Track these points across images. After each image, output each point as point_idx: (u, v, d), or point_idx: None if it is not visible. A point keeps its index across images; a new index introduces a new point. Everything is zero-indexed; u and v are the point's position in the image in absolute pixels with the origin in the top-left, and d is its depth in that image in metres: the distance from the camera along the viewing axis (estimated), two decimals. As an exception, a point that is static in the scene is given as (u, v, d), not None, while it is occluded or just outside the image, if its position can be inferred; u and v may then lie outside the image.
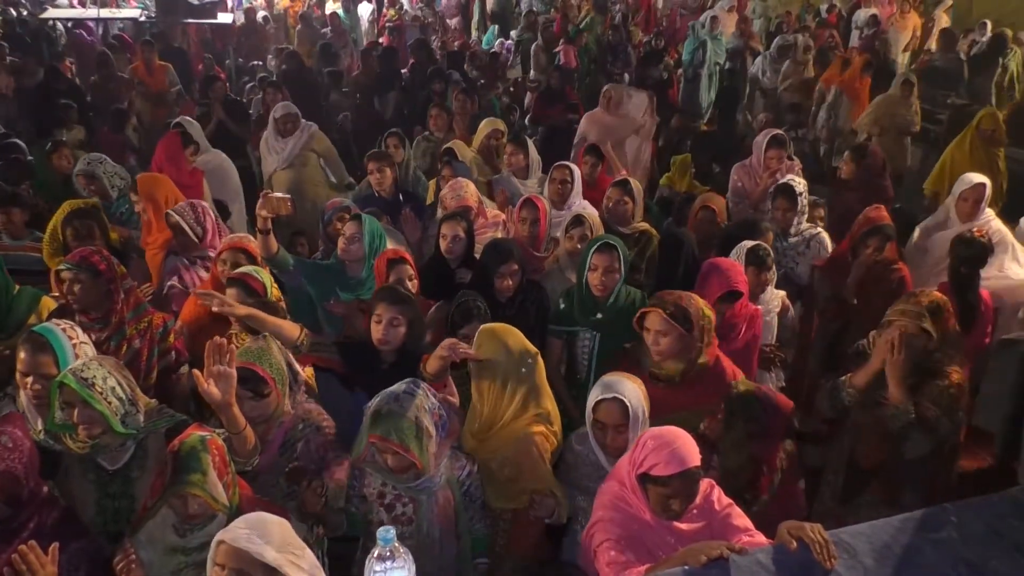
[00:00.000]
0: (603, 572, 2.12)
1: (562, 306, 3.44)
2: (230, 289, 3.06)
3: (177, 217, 3.75)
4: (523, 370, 2.65)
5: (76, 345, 2.58)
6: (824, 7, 12.23)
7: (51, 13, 11.56)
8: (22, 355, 2.54)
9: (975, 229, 3.91)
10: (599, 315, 3.27)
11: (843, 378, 2.92)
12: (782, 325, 3.63)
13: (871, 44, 9.84)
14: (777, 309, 3.62)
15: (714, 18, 9.77)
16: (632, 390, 2.49)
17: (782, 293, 3.68)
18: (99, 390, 2.32)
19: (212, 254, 3.66)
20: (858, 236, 3.88)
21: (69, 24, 11.21)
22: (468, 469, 2.54)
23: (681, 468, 2.07)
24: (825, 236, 4.38)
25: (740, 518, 2.20)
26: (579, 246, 3.62)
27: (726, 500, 2.24)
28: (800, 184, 4.37)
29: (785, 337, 3.63)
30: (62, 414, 2.35)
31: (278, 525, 1.89)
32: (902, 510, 2.22)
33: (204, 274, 3.71)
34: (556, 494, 2.57)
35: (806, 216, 4.40)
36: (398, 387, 2.41)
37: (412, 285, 3.28)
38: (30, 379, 2.53)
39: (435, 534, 2.47)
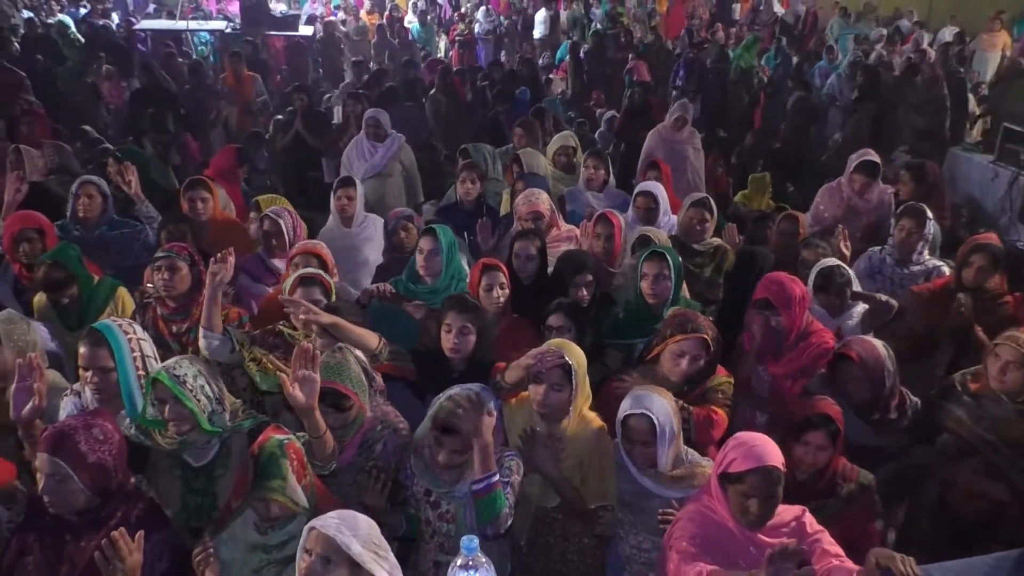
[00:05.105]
0: (671, 559, 2.13)
1: (620, 316, 3.41)
2: (306, 287, 3.10)
3: (278, 219, 3.89)
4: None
5: (132, 340, 2.66)
6: (905, 24, 11.89)
7: (142, 24, 12.14)
8: (82, 350, 2.64)
9: None
10: (656, 326, 3.20)
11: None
12: None
13: (957, 62, 9.49)
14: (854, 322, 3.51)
15: (830, 47, 9.61)
16: (661, 405, 2.46)
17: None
18: (190, 388, 2.40)
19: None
20: (962, 256, 3.65)
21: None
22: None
23: (758, 464, 2.08)
24: (948, 271, 3.92)
25: (832, 545, 2.17)
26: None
27: (819, 526, 2.20)
28: (929, 211, 4.06)
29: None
30: (153, 410, 2.44)
31: (367, 523, 1.94)
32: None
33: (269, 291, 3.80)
34: (615, 507, 2.57)
35: (928, 246, 4.07)
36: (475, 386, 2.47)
37: (504, 293, 3.29)
38: (90, 373, 2.63)
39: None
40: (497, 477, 2.37)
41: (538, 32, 13.66)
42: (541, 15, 13.79)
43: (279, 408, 2.84)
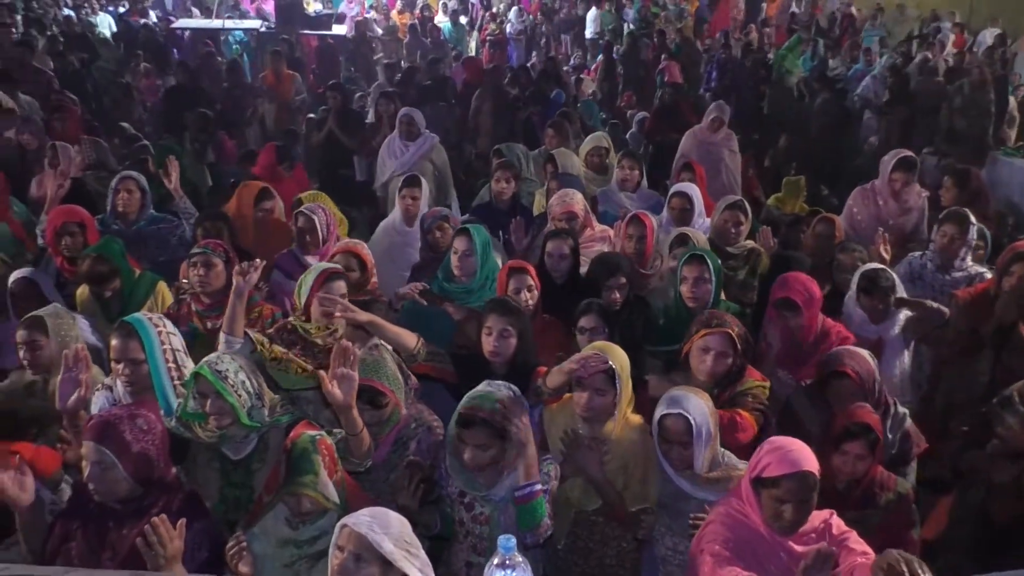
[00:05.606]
0: (705, 563, 2.11)
1: (660, 322, 3.39)
2: (330, 283, 3.08)
3: (312, 216, 3.92)
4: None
5: (161, 333, 2.71)
6: (947, 25, 11.67)
7: (180, 23, 12.34)
8: (114, 343, 2.69)
9: None
10: None
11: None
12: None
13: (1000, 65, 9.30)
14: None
15: (867, 49, 9.49)
16: (697, 406, 2.44)
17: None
18: (231, 383, 2.43)
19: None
20: (1002, 264, 3.59)
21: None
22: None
23: (793, 469, 2.06)
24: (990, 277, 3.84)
25: (858, 543, 2.15)
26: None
27: (846, 528, 2.18)
28: (973, 216, 3.97)
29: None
30: (194, 403, 2.47)
31: (398, 520, 1.95)
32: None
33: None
34: (655, 510, 2.56)
35: (971, 252, 3.98)
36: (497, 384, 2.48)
37: (532, 296, 3.28)
38: (121, 365, 2.67)
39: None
40: (540, 486, 2.36)
41: (589, 31, 13.61)
42: (592, 14, 13.73)
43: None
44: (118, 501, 2.22)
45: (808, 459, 2.08)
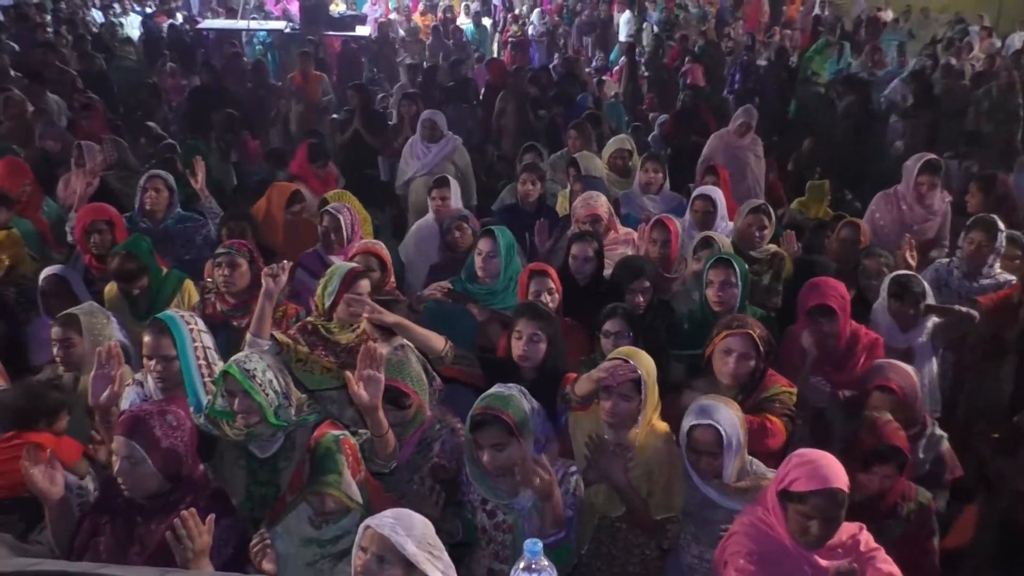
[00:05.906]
0: None
1: (685, 327, 3.37)
2: (361, 281, 3.06)
3: (338, 215, 3.95)
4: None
5: (193, 331, 2.74)
6: (975, 29, 11.52)
7: (206, 24, 12.46)
8: (146, 339, 2.73)
9: None
10: None
11: None
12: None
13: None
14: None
15: (901, 52, 9.53)
16: (727, 416, 2.42)
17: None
18: (259, 382, 2.46)
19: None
20: None
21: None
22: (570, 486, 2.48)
23: (822, 486, 2.02)
24: None
25: (886, 563, 2.10)
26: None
27: (875, 544, 2.15)
28: (1000, 222, 3.92)
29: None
30: (223, 401, 2.50)
31: (422, 522, 1.95)
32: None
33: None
34: (680, 519, 2.53)
35: (999, 259, 3.91)
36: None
37: (553, 299, 3.27)
38: (153, 362, 2.70)
39: None
40: (564, 534, 2.36)
41: (623, 34, 13.58)
42: (625, 16, 13.69)
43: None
44: (146, 497, 2.24)
45: (837, 475, 2.04)
